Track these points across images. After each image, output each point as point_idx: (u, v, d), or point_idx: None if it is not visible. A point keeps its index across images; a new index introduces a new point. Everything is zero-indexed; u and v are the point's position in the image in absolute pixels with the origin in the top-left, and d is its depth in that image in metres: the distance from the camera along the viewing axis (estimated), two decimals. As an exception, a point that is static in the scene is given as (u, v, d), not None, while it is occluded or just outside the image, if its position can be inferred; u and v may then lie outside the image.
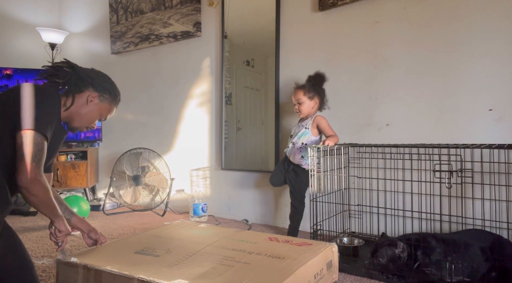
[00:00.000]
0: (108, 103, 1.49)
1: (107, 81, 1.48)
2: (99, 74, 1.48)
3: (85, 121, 1.45)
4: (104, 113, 1.50)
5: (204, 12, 3.27)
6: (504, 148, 1.71)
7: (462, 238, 1.77)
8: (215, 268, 1.36)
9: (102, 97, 1.46)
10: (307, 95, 2.33)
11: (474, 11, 2.12)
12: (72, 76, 1.41)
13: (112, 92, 1.48)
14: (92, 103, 1.43)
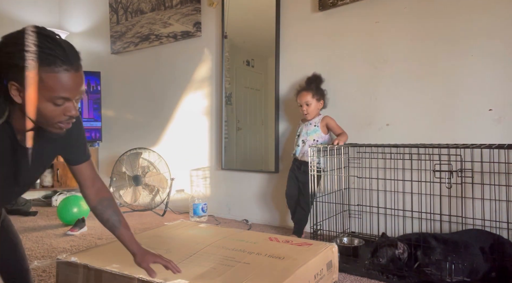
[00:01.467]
0: (41, 82, 0.88)
1: (19, 44, 0.87)
2: (5, 39, 0.90)
3: (42, 121, 0.95)
4: (50, 93, 0.90)
5: (204, 12, 3.27)
6: (504, 148, 1.71)
7: (462, 238, 1.77)
8: (215, 268, 1.36)
9: (24, 81, 0.88)
10: (315, 97, 2.41)
11: (474, 11, 2.12)
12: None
13: (34, 59, 0.87)
14: (21, 97, 0.91)
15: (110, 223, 1.25)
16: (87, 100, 3.74)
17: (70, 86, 0.92)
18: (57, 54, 0.90)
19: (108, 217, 1.26)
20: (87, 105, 3.74)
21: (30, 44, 0.87)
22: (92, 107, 3.75)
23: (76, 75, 0.94)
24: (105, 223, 1.26)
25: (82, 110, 3.74)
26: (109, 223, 1.25)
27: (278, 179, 2.87)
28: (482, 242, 1.76)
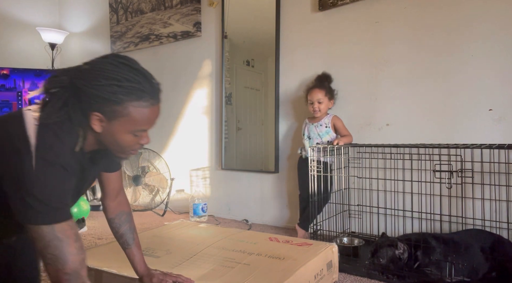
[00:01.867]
0: (123, 115, 0.90)
1: (99, 81, 0.88)
2: (88, 74, 0.91)
3: (117, 149, 0.98)
4: (134, 127, 0.92)
5: (204, 12, 3.27)
6: (504, 148, 1.71)
7: (462, 238, 1.77)
8: (215, 270, 1.36)
9: (108, 113, 0.89)
10: (328, 96, 2.41)
11: (474, 11, 2.12)
12: (60, 100, 0.91)
13: (114, 94, 0.87)
14: (102, 128, 0.92)
15: (124, 239, 1.22)
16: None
17: (152, 119, 0.95)
18: (145, 88, 0.91)
19: (123, 232, 1.22)
20: None
21: (122, 79, 0.89)
22: None
23: (158, 108, 0.96)
24: (118, 238, 1.22)
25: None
26: (122, 239, 1.22)
27: (278, 179, 2.87)
28: (482, 242, 1.76)
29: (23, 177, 0.83)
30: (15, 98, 3.52)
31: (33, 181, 0.83)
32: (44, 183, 0.83)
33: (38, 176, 0.83)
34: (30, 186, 0.82)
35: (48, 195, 0.84)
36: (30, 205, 0.82)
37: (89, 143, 0.97)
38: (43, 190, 0.83)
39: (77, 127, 0.92)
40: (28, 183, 0.82)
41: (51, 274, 0.84)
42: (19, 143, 0.86)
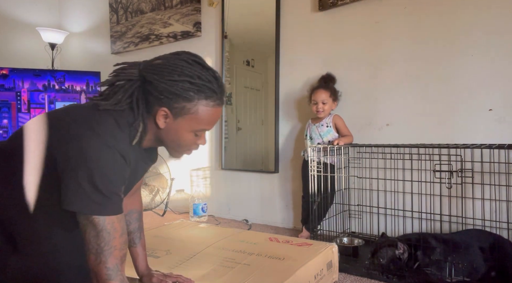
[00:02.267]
0: (191, 113, 0.90)
1: (173, 76, 0.88)
2: (161, 69, 0.89)
3: (175, 147, 0.98)
4: (197, 126, 0.93)
5: (204, 12, 3.27)
6: (504, 148, 1.71)
7: (462, 238, 1.78)
8: (215, 270, 1.36)
9: (175, 109, 0.89)
10: (332, 97, 2.41)
11: (474, 11, 2.12)
12: (126, 93, 0.91)
13: (186, 91, 0.88)
14: (167, 124, 0.92)
15: (131, 237, 1.20)
16: (85, 100, 3.74)
17: (215, 120, 0.95)
18: (215, 88, 0.91)
19: (131, 230, 1.21)
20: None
21: (194, 76, 0.89)
22: None
23: (221, 110, 0.97)
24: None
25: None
26: (129, 236, 1.19)
27: (278, 179, 2.87)
28: (482, 242, 1.76)
29: (81, 162, 0.80)
30: (14, 98, 3.53)
31: (92, 166, 0.80)
32: (103, 169, 0.81)
33: (97, 160, 0.81)
34: (89, 172, 0.80)
35: (106, 184, 0.82)
36: (87, 193, 0.80)
37: (147, 138, 0.96)
38: (102, 177, 0.81)
39: (138, 121, 0.91)
40: (86, 169, 0.80)
41: (92, 264, 0.82)
42: (79, 127, 0.85)
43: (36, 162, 0.86)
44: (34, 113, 3.58)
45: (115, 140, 0.85)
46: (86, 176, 0.80)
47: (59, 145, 0.84)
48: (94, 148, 0.82)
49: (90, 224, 0.81)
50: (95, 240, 0.81)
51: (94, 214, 0.81)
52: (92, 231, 0.81)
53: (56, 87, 3.65)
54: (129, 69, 0.94)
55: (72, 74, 3.71)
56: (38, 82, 3.60)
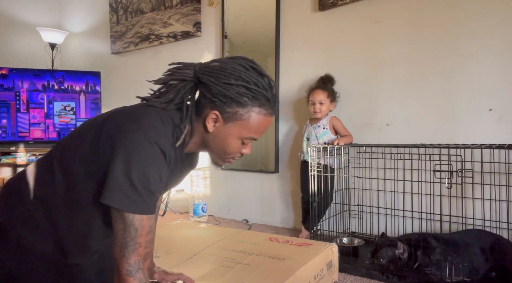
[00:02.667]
0: (243, 119, 0.88)
1: (231, 79, 0.86)
2: (218, 71, 0.87)
3: (220, 153, 0.97)
4: (246, 134, 0.91)
5: (204, 12, 3.27)
6: (504, 148, 1.71)
7: (462, 238, 1.78)
8: (215, 270, 1.36)
9: (227, 114, 0.88)
10: (330, 98, 2.40)
11: (474, 11, 2.12)
12: (179, 93, 0.90)
13: (241, 96, 0.87)
14: (216, 128, 0.90)
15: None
16: (84, 100, 3.74)
17: (265, 129, 0.93)
18: (269, 97, 0.90)
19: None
20: (85, 105, 3.74)
21: (251, 82, 0.87)
22: (90, 107, 3.75)
23: (271, 120, 0.95)
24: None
25: (79, 109, 3.73)
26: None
27: (278, 179, 2.87)
28: (482, 242, 1.76)
29: (122, 156, 0.80)
30: (13, 98, 3.52)
31: (131, 162, 0.80)
32: (142, 166, 0.80)
33: (137, 156, 0.80)
34: (127, 167, 0.80)
35: (143, 181, 0.81)
36: (122, 188, 0.80)
37: (192, 142, 0.95)
38: (139, 174, 0.80)
39: (186, 123, 0.90)
40: (125, 163, 0.80)
41: (116, 256, 0.82)
42: (125, 120, 0.85)
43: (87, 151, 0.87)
44: (33, 113, 3.58)
45: (157, 136, 0.84)
46: (124, 171, 0.80)
47: (107, 135, 0.85)
48: (136, 143, 0.81)
49: (120, 217, 0.81)
50: (122, 233, 0.81)
51: (125, 210, 0.81)
52: (120, 224, 0.81)
53: (55, 87, 3.65)
54: (184, 69, 0.92)
55: (71, 74, 3.71)
56: (37, 82, 3.60)
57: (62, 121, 3.68)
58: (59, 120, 3.67)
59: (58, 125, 3.66)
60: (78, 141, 0.89)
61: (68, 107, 3.69)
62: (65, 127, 3.68)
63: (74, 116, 3.70)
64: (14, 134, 3.53)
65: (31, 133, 3.59)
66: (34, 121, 3.59)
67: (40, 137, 3.60)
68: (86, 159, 0.86)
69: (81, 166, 0.87)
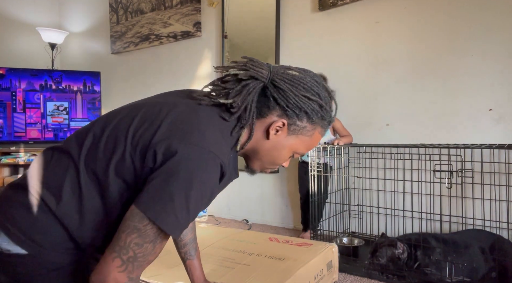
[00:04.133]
0: (307, 135, 0.85)
1: (310, 94, 0.82)
2: (297, 81, 0.82)
3: (267, 162, 0.89)
4: (300, 149, 0.88)
5: (204, 12, 3.27)
6: (504, 148, 1.71)
7: (462, 238, 1.77)
8: (215, 270, 1.36)
9: (295, 126, 0.83)
10: None
11: (474, 11, 2.12)
12: (249, 91, 0.81)
13: (315, 114, 0.83)
14: (277, 137, 0.84)
15: (187, 248, 1.11)
16: (81, 100, 3.73)
17: (314, 147, 0.92)
18: (330, 118, 0.87)
19: (187, 242, 1.10)
20: (81, 105, 3.73)
21: (324, 101, 0.84)
22: (86, 107, 3.74)
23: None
24: (181, 247, 1.10)
25: (75, 109, 3.72)
26: (185, 249, 1.10)
27: (278, 179, 2.87)
28: (482, 242, 1.76)
29: (184, 169, 0.70)
30: (9, 98, 3.52)
31: (193, 178, 0.70)
32: (202, 185, 0.71)
33: (200, 172, 0.71)
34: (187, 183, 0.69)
35: (198, 204, 0.71)
36: (171, 203, 0.68)
37: (247, 146, 0.86)
38: (197, 196, 0.71)
39: (246, 125, 0.82)
40: (186, 179, 0.69)
41: (112, 265, 0.69)
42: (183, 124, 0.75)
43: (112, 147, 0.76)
44: (29, 113, 3.57)
45: (220, 150, 0.75)
46: (184, 188, 0.69)
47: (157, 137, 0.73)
48: (199, 158, 0.72)
49: (142, 230, 0.69)
50: (135, 247, 0.69)
51: (164, 229, 0.69)
52: (137, 238, 0.69)
53: (53, 87, 3.64)
54: (259, 67, 0.82)
55: (69, 74, 3.70)
56: (35, 82, 3.60)
57: (55, 121, 3.65)
58: (52, 120, 3.64)
59: (51, 125, 3.64)
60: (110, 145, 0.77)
61: (61, 107, 3.67)
62: (58, 127, 3.65)
63: (67, 116, 3.68)
64: (10, 134, 3.52)
65: (27, 133, 3.58)
66: (30, 121, 3.58)
67: (37, 137, 3.59)
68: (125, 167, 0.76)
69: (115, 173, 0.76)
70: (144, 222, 0.69)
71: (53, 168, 0.79)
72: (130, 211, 0.71)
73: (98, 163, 0.76)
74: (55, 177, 0.77)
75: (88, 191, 0.76)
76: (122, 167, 0.75)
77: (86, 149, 0.78)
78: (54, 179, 0.77)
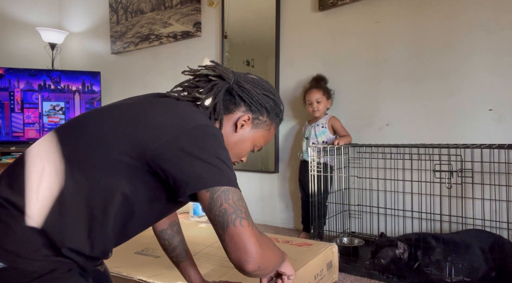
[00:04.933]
0: (266, 129, 1.00)
1: (268, 93, 0.97)
2: (257, 83, 0.96)
3: (233, 155, 0.98)
4: (260, 142, 1.02)
5: (204, 12, 3.27)
6: (504, 148, 1.71)
7: (462, 238, 1.77)
8: (215, 270, 1.36)
9: (257, 120, 0.97)
10: (325, 95, 2.43)
11: (474, 11, 2.12)
12: (219, 88, 0.92)
13: (272, 110, 0.98)
14: (242, 130, 0.96)
15: (177, 251, 1.14)
16: (79, 99, 3.72)
17: (269, 140, 1.07)
18: (282, 116, 1.05)
19: (176, 245, 1.14)
20: (79, 105, 3.72)
21: (279, 101, 1.01)
22: (84, 107, 3.73)
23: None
24: (171, 251, 1.13)
25: (73, 109, 3.71)
26: (175, 252, 1.14)
27: (278, 179, 2.87)
28: (482, 242, 1.76)
29: (198, 143, 0.77)
30: (7, 98, 3.52)
31: (210, 144, 0.78)
32: (215, 142, 0.80)
33: (212, 139, 0.80)
34: (212, 149, 0.77)
35: (226, 156, 0.80)
36: (219, 167, 0.76)
37: None
38: (224, 153, 0.79)
39: (218, 119, 0.92)
40: (207, 148, 0.77)
41: (244, 226, 0.82)
42: (176, 115, 0.82)
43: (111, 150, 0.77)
44: (27, 113, 3.57)
45: (211, 123, 0.85)
46: (211, 153, 0.77)
47: (153, 135, 0.77)
48: (205, 131, 0.80)
49: (231, 190, 0.78)
50: (241, 203, 0.82)
51: (232, 185, 0.78)
52: (235, 195, 0.79)
53: (51, 87, 3.64)
54: (227, 71, 0.94)
55: (67, 74, 3.70)
56: (33, 82, 3.59)
57: (51, 121, 3.64)
58: (48, 120, 3.63)
59: (47, 125, 3.63)
60: (99, 146, 0.77)
61: (58, 107, 3.65)
62: (54, 127, 3.64)
63: (63, 116, 3.67)
64: (8, 134, 3.51)
65: (25, 133, 3.57)
66: (28, 121, 3.58)
67: (35, 137, 3.58)
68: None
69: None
70: (214, 190, 0.76)
71: (25, 169, 0.76)
72: (201, 195, 0.76)
73: (85, 161, 0.76)
74: (28, 177, 0.75)
75: (70, 193, 0.74)
76: (113, 169, 0.76)
77: (70, 150, 0.77)
78: (27, 179, 0.75)
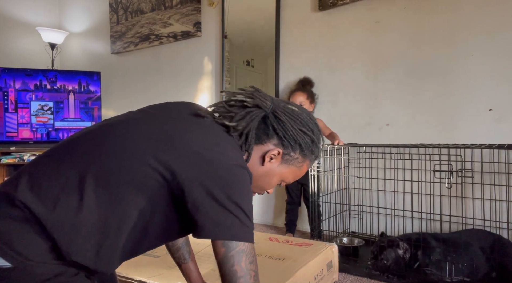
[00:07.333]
0: (297, 165, 0.92)
1: (305, 129, 0.89)
2: (295, 116, 0.89)
3: (257, 186, 0.93)
4: (288, 178, 0.94)
5: (204, 12, 3.27)
6: (504, 148, 1.71)
7: (462, 238, 1.77)
8: (215, 270, 1.36)
9: (288, 156, 0.90)
10: (309, 99, 2.45)
11: (474, 11, 2.12)
12: (253, 117, 0.86)
13: (307, 148, 0.90)
14: (270, 164, 0.90)
15: (180, 252, 1.13)
16: (73, 99, 3.70)
17: (300, 177, 0.98)
18: (318, 154, 0.96)
19: (180, 246, 1.13)
20: (74, 105, 3.70)
21: (316, 138, 0.92)
22: (79, 107, 3.72)
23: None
24: (174, 252, 1.13)
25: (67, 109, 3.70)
26: (178, 253, 1.13)
27: (278, 179, 2.87)
28: (482, 242, 1.76)
29: (221, 183, 0.73)
30: (1, 98, 3.51)
31: (233, 187, 0.74)
32: (245, 191, 0.76)
33: (237, 181, 0.75)
34: (235, 194, 0.74)
35: (249, 207, 0.76)
36: (238, 218, 0.73)
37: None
38: (246, 200, 0.76)
39: (248, 150, 0.86)
40: (229, 190, 0.73)
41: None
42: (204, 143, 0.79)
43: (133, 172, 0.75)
44: (21, 113, 3.55)
45: (242, 161, 0.80)
46: (236, 203, 0.74)
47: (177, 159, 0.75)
48: (237, 175, 0.76)
49: (246, 251, 0.74)
50: (252, 266, 0.74)
51: (249, 242, 0.74)
52: (248, 258, 0.74)
53: (48, 87, 3.63)
54: (263, 97, 0.88)
55: (64, 74, 3.69)
56: (30, 82, 3.58)
57: (40, 121, 3.60)
58: (37, 120, 3.60)
59: (35, 125, 3.60)
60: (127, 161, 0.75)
61: (46, 107, 3.62)
62: (43, 127, 3.61)
63: (52, 116, 3.63)
64: (2, 134, 3.50)
65: (19, 134, 3.55)
66: (22, 121, 3.56)
67: (29, 137, 3.57)
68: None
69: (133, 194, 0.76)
70: (230, 245, 0.73)
71: (48, 175, 0.75)
72: (216, 246, 0.74)
73: (110, 176, 0.74)
74: (49, 184, 0.73)
75: (89, 209, 0.72)
76: (137, 189, 0.74)
77: (96, 159, 0.76)
78: (48, 186, 0.73)
